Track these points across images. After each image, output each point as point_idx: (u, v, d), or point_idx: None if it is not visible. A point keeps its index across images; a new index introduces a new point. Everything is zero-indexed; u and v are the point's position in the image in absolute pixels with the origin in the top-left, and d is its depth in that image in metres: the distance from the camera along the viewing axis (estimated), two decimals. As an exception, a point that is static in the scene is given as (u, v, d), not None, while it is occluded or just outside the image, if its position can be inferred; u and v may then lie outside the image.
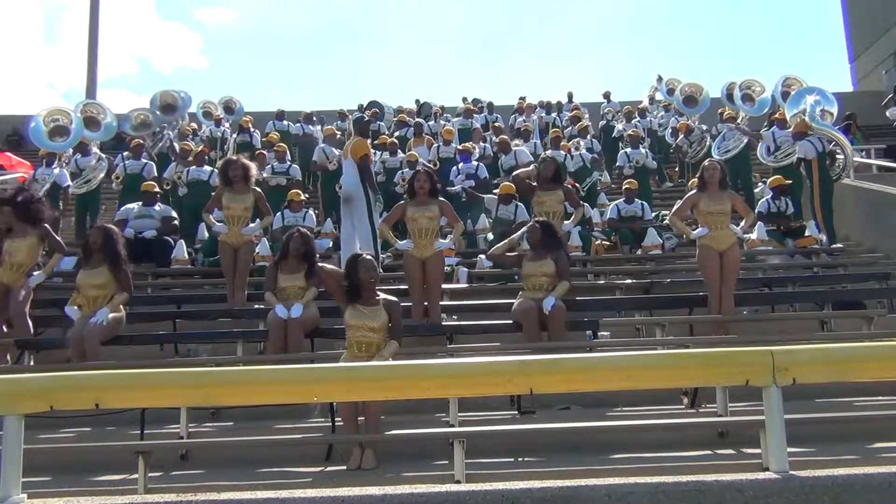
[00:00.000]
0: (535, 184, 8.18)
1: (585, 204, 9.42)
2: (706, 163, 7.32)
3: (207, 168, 11.21)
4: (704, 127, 14.18)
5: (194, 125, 15.80)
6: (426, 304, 6.98)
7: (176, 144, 13.05)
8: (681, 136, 14.37)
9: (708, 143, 13.43)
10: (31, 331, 6.92)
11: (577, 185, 10.26)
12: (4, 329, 6.88)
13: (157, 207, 9.79)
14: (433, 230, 7.00)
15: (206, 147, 12.93)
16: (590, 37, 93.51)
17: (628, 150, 12.54)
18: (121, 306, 6.63)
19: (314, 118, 16.81)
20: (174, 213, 9.96)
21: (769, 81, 12.90)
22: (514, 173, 9.37)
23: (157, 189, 10.05)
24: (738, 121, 12.73)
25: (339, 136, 13.38)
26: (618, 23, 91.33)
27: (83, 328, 6.36)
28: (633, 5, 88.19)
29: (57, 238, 7.33)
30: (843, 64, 27.37)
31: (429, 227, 6.95)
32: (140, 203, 9.78)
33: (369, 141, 9.78)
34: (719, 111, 13.75)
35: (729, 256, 6.92)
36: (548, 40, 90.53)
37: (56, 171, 10.82)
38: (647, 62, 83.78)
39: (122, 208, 10.03)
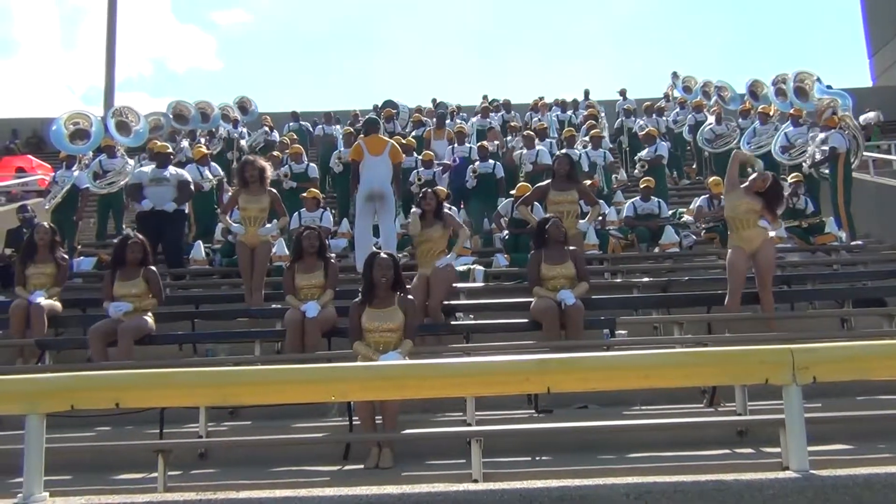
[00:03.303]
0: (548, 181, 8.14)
1: (601, 201, 9.36)
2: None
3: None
4: (733, 123, 14.01)
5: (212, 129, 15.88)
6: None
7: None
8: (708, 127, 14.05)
9: (736, 139, 13.25)
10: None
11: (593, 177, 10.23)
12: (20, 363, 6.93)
13: (170, 170, 9.43)
14: (439, 249, 7.01)
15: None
16: (605, 33, 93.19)
17: (643, 153, 12.52)
18: (150, 312, 6.75)
19: (333, 118, 16.89)
20: (188, 176, 9.67)
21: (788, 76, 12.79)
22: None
23: (170, 150, 9.87)
24: (771, 115, 12.62)
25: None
26: (634, 19, 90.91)
27: (116, 325, 6.47)
28: (648, 1, 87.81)
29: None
30: (863, 59, 27.12)
31: (434, 248, 6.98)
32: (154, 165, 9.55)
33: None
34: (744, 107, 13.68)
35: (761, 255, 6.68)
36: (562, 37, 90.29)
37: (76, 173, 10.90)
38: (662, 58, 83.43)
39: (136, 171, 9.97)
